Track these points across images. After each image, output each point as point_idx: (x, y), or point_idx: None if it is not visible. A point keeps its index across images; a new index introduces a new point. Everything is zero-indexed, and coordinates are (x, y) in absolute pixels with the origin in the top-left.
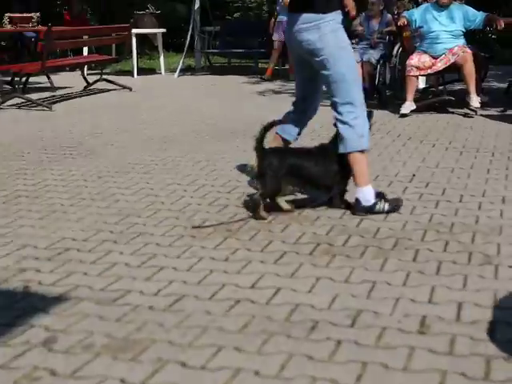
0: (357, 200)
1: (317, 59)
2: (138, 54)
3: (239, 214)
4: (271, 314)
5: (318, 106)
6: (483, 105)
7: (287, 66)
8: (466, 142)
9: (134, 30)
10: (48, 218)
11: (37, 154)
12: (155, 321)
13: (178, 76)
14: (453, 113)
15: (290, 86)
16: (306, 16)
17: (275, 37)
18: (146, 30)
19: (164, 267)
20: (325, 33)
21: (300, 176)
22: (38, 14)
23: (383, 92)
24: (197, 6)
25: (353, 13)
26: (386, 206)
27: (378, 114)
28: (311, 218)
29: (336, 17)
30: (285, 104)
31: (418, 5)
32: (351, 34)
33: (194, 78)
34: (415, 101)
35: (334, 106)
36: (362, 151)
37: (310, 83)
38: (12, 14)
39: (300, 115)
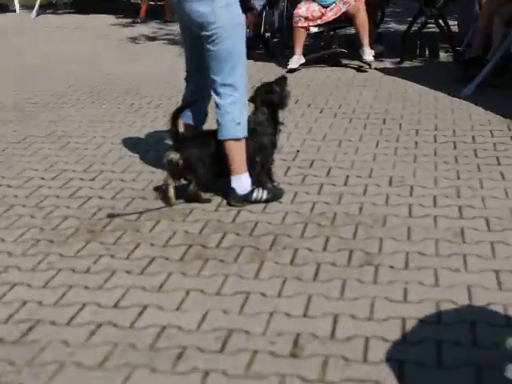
0: (232, 189)
1: (205, 33)
2: None
3: (105, 209)
4: (135, 340)
5: None
6: (378, 56)
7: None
8: (357, 106)
9: None
10: None
11: None
12: (4, 358)
13: (37, 15)
14: (346, 66)
15: (168, 29)
16: None
17: None
18: None
19: (16, 284)
20: (219, 6)
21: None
22: None
23: (269, 41)
24: None
25: None
26: (265, 195)
27: (263, 67)
28: (184, 212)
29: None
30: (162, 54)
31: None
32: (247, 7)
33: (56, 19)
34: (305, 54)
35: (214, 85)
36: (237, 139)
37: (202, 55)
38: None
39: (198, 91)
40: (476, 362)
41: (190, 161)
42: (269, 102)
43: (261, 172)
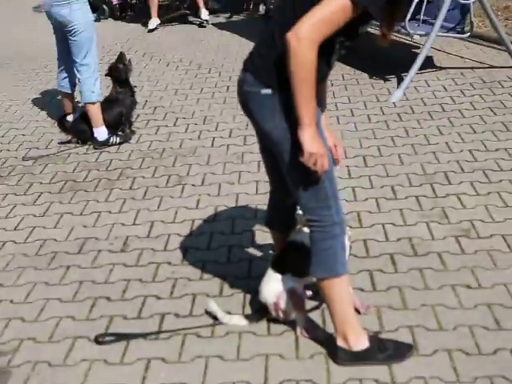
0: (95, 138)
1: (67, 29)
2: None
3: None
4: (27, 251)
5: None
6: (214, 12)
7: None
8: (194, 58)
9: None
10: None
11: None
12: None
13: None
14: (191, 23)
15: None
16: None
17: None
18: None
19: None
20: (74, 9)
21: None
22: None
23: (132, 8)
24: None
25: None
26: (118, 139)
27: (126, 29)
28: (64, 156)
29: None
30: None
31: None
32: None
33: None
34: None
35: (75, 65)
36: (93, 103)
37: (66, 44)
38: None
39: (67, 70)
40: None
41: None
42: (118, 77)
43: (125, 123)
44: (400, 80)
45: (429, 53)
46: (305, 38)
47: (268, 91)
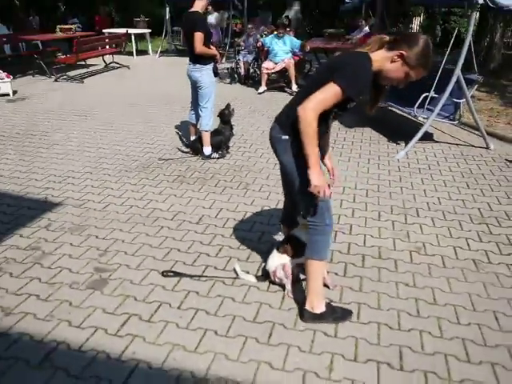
0: (202, 152)
1: (197, 85)
2: (136, 42)
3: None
4: (140, 212)
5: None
6: (300, 86)
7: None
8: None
9: (133, 30)
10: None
11: (68, 114)
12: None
13: (159, 56)
14: (285, 91)
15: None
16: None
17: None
18: (140, 30)
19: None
20: (202, 73)
21: None
22: (75, 25)
23: (253, 78)
24: (167, 16)
25: (218, 59)
26: (217, 155)
27: (246, 90)
28: (182, 161)
29: (209, 66)
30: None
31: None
32: (216, 73)
33: (168, 58)
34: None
35: (199, 107)
36: (206, 131)
37: (196, 93)
38: (61, 26)
39: (195, 109)
40: None
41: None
42: (223, 118)
43: (223, 147)
44: (406, 144)
45: (429, 130)
46: (309, 110)
47: (286, 137)
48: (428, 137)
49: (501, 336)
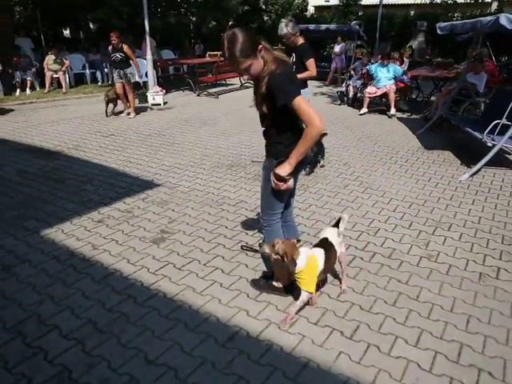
0: None
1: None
2: None
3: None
4: (204, 196)
5: None
6: (404, 111)
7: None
8: (376, 134)
9: None
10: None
11: (196, 121)
12: None
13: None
14: (385, 114)
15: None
16: None
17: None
18: None
19: None
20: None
21: None
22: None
23: (360, 101)
24: None
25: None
26: (308, 170)
27: (350, 111)
28: None
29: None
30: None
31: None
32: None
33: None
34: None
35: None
36: None
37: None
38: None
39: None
40: None
41: None
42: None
43: (313, 162)
44: (479, 168)
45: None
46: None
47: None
48: (505, 163)
49: (464, 335)
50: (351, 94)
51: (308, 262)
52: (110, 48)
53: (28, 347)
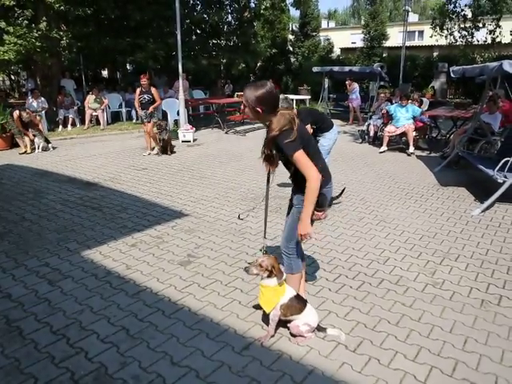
0: None
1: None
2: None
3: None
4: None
5: None
6: (423, 149)
7: None
8: (394, 172)
9: (294, 96)
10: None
11: (223, 157)
12: None
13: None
14: (404, 152)
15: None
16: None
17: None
18: (302, 97)
19: None
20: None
21: None
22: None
23: (380, 139)
24: (326, 85)
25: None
26: None
27: (371, 149)
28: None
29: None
30: None
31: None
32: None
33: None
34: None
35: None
36: None
37: None
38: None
39: None
40: None
41: None
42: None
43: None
44: (491, 204)
45: None
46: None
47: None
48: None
49: (460, 353)
50: (372, 133)
51: (280, 284)
52: (138, 90)
53: (71, 347)
